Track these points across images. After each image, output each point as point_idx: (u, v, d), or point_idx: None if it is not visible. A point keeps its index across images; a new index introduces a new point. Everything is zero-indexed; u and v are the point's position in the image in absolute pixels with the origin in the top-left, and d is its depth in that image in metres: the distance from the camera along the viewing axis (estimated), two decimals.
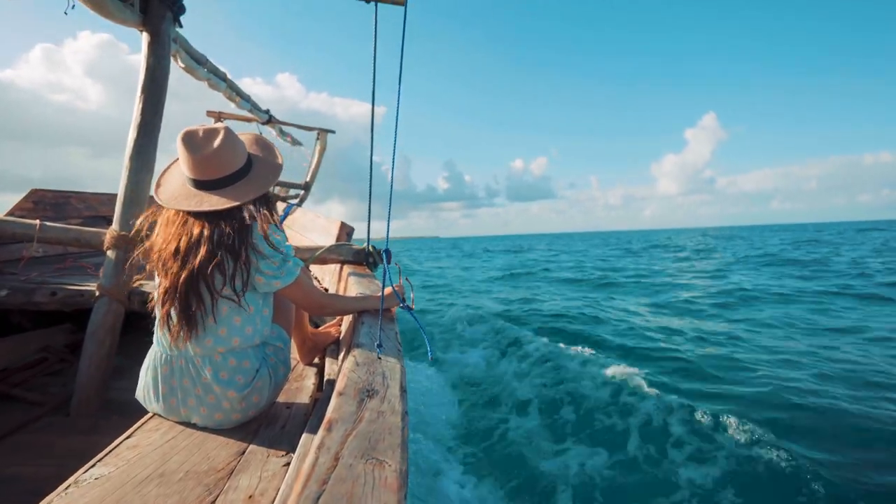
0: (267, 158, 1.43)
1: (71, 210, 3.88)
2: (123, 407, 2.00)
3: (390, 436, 0.74)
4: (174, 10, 2.41)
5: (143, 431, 1.28)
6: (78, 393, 2.08)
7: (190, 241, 1.21)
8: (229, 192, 1.28)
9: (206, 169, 1.27)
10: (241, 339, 1.27)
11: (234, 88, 3.84)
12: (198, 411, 1.27)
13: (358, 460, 0.65)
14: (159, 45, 2.34)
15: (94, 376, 2.11)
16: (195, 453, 1.18)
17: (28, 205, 3.53)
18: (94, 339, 2.14)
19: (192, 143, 1.26)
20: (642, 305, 10.85)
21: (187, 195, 1.28)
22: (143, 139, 2.28)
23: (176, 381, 1.26)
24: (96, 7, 2.01)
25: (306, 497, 0.56)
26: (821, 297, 10.83)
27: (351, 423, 0.76)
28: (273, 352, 1.40)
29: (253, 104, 4.50)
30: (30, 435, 1.90)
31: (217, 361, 1.25)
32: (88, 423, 1.98)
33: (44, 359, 2.55)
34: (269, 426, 1.35)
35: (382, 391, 0.92)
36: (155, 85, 2.33)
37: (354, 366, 1.05)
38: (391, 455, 0.68)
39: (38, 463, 1.66)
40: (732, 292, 11.80)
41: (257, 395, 1.31)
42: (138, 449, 1.17)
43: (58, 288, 2.33)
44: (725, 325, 8.46)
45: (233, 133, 1.34)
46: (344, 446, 0.68)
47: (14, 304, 2.29)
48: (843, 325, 8.06)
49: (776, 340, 7.19)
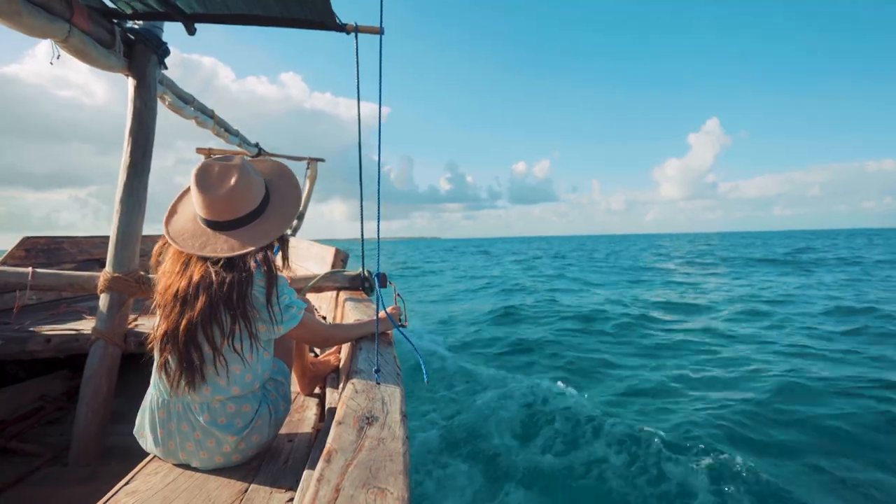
0: (285, 195, 1.36)
1: (64, 255, 3.87)
2: (124, 452, 1.96)
3: (391, 462, 0.72)
4: (159, 53, 2.45)
5: (142, 475, 1.25)
6: (76, 441, 2.04)
7: (189, 286, 1.17)
8: (239, 236, 1.23)
9: (217, 210, 1.22)
10: (240, 387, 1.24)
11: (222, 125, 3.89)
12: (197, 455, 1.24)
13: (359, 491, 0.64)
14: (145, 88, 2.37)
15: (92, 423, 2.07)
16: (196, 495, 1.16)
17: (20, 253, 3.52)
18: (90, 384, 2.11)
19: (205, 182, 1.21)
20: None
21: (194, 233, 1.24)
22: (134, 181, 2.29)
23: (174, 426, 1.23)
24: (81, 55, 2.04)
25: None
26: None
27: (351, 452, 0.75)
28: (273, 387, 1.37)
29: (242, 138, 4.54)
30: (28, 488, 1.85)
31: (215, 408, 1.22)
32: (87, 472, 1.93)
33: (41, 408, 2.51)
34: (271, 461, 1.33)
35: (382, 417, 0.91)
36: (143, 128, 2.36)
37: (353, 393, 1.04)
38: (393, 482, 0.67)
39: None
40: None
41: (257, 435, 1.28)
42: (137, 495, 1.15)
43: (52, 335, 2.31)
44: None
45: (249, 171, 1.27)
46: (344, 477, 0.67)
47: (8, 355, 2.27)
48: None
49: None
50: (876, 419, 4.39)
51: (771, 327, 8.65)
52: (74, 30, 1.88)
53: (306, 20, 2.10)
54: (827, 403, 4.81)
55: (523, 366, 6.63)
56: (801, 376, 5.58)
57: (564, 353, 7.15)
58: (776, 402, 4.86)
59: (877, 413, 4.49)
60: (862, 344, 7.13)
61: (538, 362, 6.77)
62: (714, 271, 21.02)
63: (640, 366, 6.54)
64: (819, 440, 4.13)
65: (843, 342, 7.30)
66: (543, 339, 8.02)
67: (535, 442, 4.25)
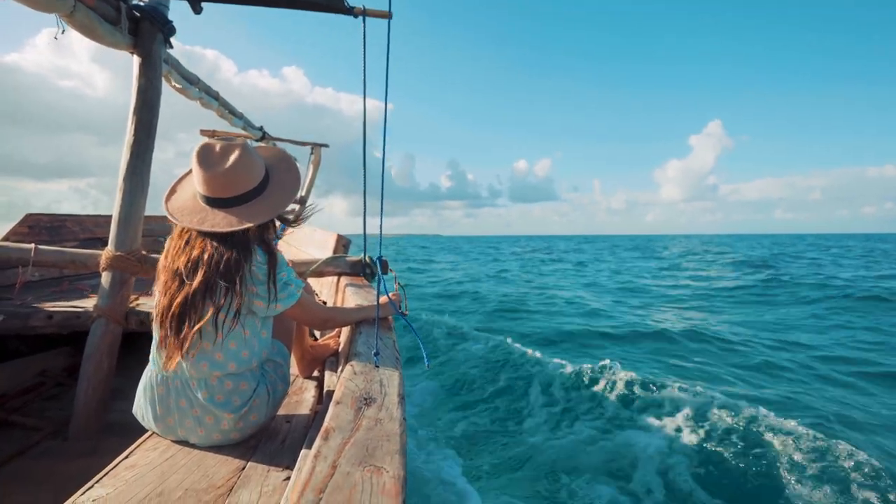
0: (284, 178, 1.38)
1: (66, 233, 3.87)
2: (123, 428, 1.98)
3: (388, 442, 0.73)
4: (164, 31, 2.43)
5: (141, 451, 1.26)
6: (76, 416, 2.06)
7: (189, 261, 1.19)
8: (237, 213, 1.24)
9: (217, 187, 1.24)
10: (237, 363, 1.25)
11: (226, 106, 3.87)
12: (195, 432, 1.26)
13: (355, 468, 0.65)
14: (150, 66, 2.36)
15: (93, 399, 2.09)
16: (194, 471, 1.17)
17: (23, 229, 3.53)
18: (91, 361, 2.12)
19: (206, 159, 1.23)
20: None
21: (193, 210, 1.25)
22: (137, 160, 2.29)
23: (172, 402, 1.24)
24: (86, 31, 2.02)
25: None
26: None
27: (348, 431, 0.76)
28: (272, 368, 1.38)
29: (246, 121, 4.52)
30: (28, 461, 1.87)
31: (213, 385, 1.23)
32: (87, 447, 1.95)
33: (42, 383, 2.53)
34: (269, 441, 1.34)
35: (380, 399, 0.91)
36: (147, 106, 2.35)
37: (352, 375, 1.04)
38: (389, 461, 0.67)
39: (36, 489, 1.64)
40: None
41: (255, 414, 1.29)
42: (136, 469, 1.16)
43: (54, 311, 2.32)
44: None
45: (250, 151, 1.29)
46: (341, 455, 0.68)
47: (11, 330, 2.28)
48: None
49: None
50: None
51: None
52: (80, 5, 1.86)
53: (313, 2, 2.08)
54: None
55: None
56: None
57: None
58: None
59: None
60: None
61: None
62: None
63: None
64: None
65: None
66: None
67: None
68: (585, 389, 5.65)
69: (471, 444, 4.47)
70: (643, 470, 3.88)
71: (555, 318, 10.73)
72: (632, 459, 4.06)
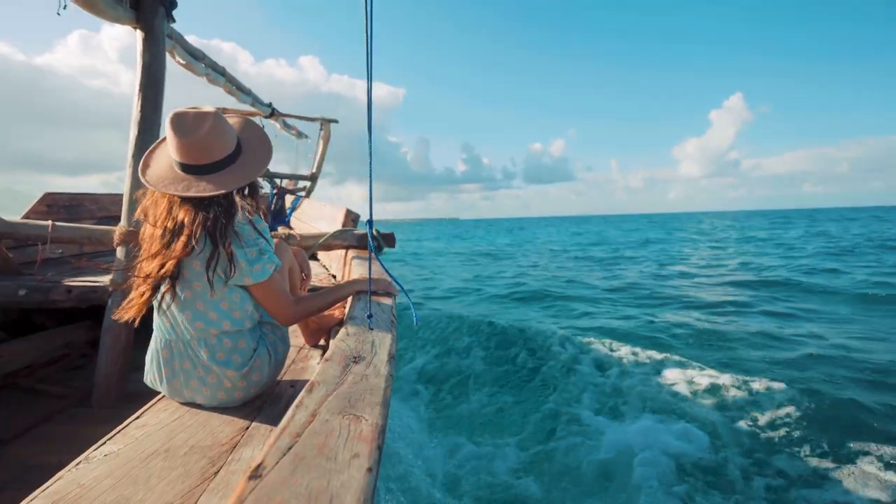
0: (257, 145, 1.41)
1: (84, 212, 3.97)
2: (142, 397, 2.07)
3: (371, 395, 0.75)
4: (166, 4, 2.43)
5: (152, 412, 1.32)
6: (98, 385, 2.16)
7: (175, 226, 1.22)
8: (216, 179, 1.27)
9: (194, 153, 1.26)
10: (230, 322, 1.29)
11: (233, 82, 3.87)
12: (201, 392, 1.31)
13: (335, 416, 0.67)
14: (153, 41, 2.37)
15: (113, 369, 2.18)
16: (200, 430, 1.22)
17: (42, 208, 3.63)
18: (110, 333, 2.21)
19: (181, 127, 1.25)
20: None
21: (174, 178, 1.28)
22: (145, 136, 2.32)
23: (177, 364, 1.30)
24: (88, 6, 2.04)
25: (277, 448, 0.57)
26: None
27: (333, 385, 0.78)
28: (271, 330, 1.42)
29: (254, 98, 4.53)
30: (54, 426, 1.98)
31: (212, 343, 1.28)
32: (109, 414, 2.05)
33: (66, 354, 2.64)
34: (273, 404, 1.39)
35: (369, 358, 0.93)
36: (152, 82, 2.37)
37: (345, 336, 1.06)
38: (369, 412, 0.69)
39: (61, 451, 1.74)
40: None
41: (257, 374, 1.34)
42: (146, 428, 1.22)
43: (73, 286, 2.41)
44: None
45: (222, 118, 1.33)
46: (322, 405, 0.70)
47: (33, 303, 2.38)
48: None
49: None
50: None
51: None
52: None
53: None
54: None
55: None
56: None
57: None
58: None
59: None
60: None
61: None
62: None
63: None
64: None
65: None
66: None
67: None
68: None
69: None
70: None
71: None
72: None
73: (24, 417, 1.99)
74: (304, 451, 0.57)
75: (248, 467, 1.03)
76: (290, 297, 1.40)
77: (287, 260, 1.59)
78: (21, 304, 2.37)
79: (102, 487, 0.95)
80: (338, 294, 1.52)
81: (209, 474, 1.02)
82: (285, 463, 0.55)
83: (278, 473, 0.53)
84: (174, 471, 1.02)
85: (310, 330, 1.86)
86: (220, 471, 1.04)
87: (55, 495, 0.92)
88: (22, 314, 2.75)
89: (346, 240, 2.71)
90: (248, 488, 0.50)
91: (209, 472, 1.03)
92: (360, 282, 1.54)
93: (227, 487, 0.98)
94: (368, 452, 0.58)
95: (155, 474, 1.01)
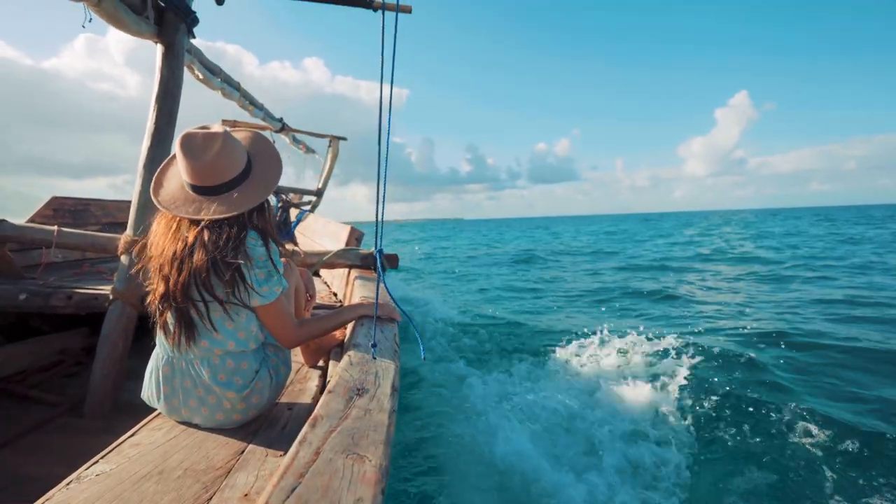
0: (266, 160, 1.41)
1: (90, 217, 3.99)
2: (136, 409, 2.04)
3: (374, 432, 0.74)
4: (188, 21, 2.49)
5: (146, 430, 1.30)
6: (91, 395, 2.13)
7: (185, 247, 1.23)
8: (227, 200, 1.28)
9: (204, 176, 1.27)
10: (235, 343, 1.29)
11: (247, 97, 3.93)
12: (199, 412, 1.29)
13: (338, 455, 0.66)
14: (173, 56, 2.41)
15: (107, 378, 2.16)
16: (195, 452, 1.20)
17: (48, 212, 3.65)
18: (107, 341, 2.20)
19: (190, 150, 1.26)
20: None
21: (185, 200, 1.29)
22: (157, 148, 2.35)
23: (177, 383, 1.28)
24: (113, 20, 2.08)
25: (281, 489, 0.56)
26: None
27: (336, 419, 0.77)
28: (274, 352, 1.41)
29: (266, 112, 4.59)
30: (45, 435, 1.95)
31: (215, 364, 1.27)
32: (101, 425, 2.02)
33: (61, 361, 2.62)
34: (269, 427, 1.37)
35: (373, 390, 0.92)
36: (168, 95, 2.41)
37: (348, 365, 1.06)
38: (373, 451, 0.68)
39: (51, 463, 1.71)
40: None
41: (257, 396, 1.32)
42: (140, 447, 1.20)
43: (74, 292, 2.40)
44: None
45: (231, 138, 1.34)
46: (326, 442, 0.69)
47: (32, 308, 2.37)
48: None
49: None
50: None
51: None
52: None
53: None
54: None
55: None
56: None
57: None
58: None
59: None
60: None
61: None
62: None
63: None
64: None
65: None
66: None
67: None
68: None
69: None
70: None
71: None
72: None
73: (14, 425, 1.96)
74: (308, 493, 0.56)
75: (241, 496, 1.02)
76: (293, 320, 1.39)
77: (293, 280, 1.59)
78: (20, 308, 2.37)
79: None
80: (341, 318, 1.51)
81: (202, 500, 1.00)
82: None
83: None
84: (167, 495, 1.00)
85: (309, 350, 1.84)
86: (213, 497, 1.02)
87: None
88: (19, 318, 2.74)
89: (349, 259, 2.72)
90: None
91: (202, 499, 1.01)
92: (365, 306, 1.53)
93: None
94: (371, 497, 0.57)
95: (147, 498, 0.99)
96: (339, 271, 3.12)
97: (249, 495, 1.02)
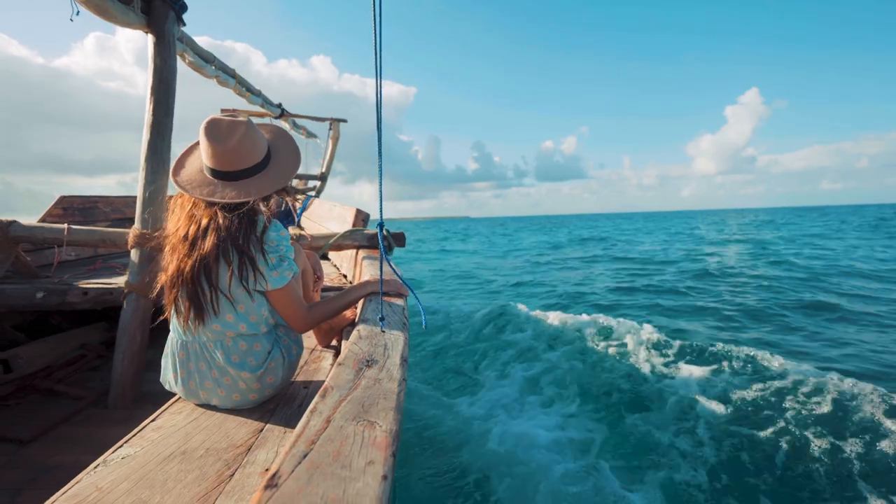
0: (285, 154, 1.43)
1: (98, 214, 4.04)
2: (158, 397, 2.10)
3: (384, 400, 0.74)
4: (176, 8, 2.45)
5: (168, 414, 1.33)
6: (114, 386, 2.19)
7: (199, 229, 1.25)
8: (244, 186, 1.30)
9: (225, 161, 1.29)
10: (247, 325, 1.31)
11: (244, 84, 3.89)
12: (216, 393, 1.32)
13: (349, 422, 0.67)
14: (164, 45, 2.38)
15: (128, 370, 2.21)
16: (216, 432, 1.23)
17: (57, 211, 3.70)
18: (125, 334, 2.24)
19: (214, 134, 1.27)
20: None
21: (202, 182, 1.31)
22: (157, 139, 2.34)
23: (193, 365, 1.31)
24: (99, 11, 2.05)
25: (293, 455, 0.57)
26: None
27: (346, 389, 0.78)
28: (285, 332, 1.43)
29: (264, 99, 4.55)
30: (72, 427, 2.01)
31: (228, 345, 1.29)
32: (125, 414, 2.08)
33: (83, 356, 2.69)
34: (286, 405, 1.40)
35: (382, 361, 0.93)
36: (163, 85, 2.38)
37: (357, 339, 1.06)
38: (383, 417, 0.69)
39: (78, 452, 1.76)
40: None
41: (271, 376, 1.35)
42: (162, 430, 1.23)
43: (89, 288, 2.44)
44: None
45: (255, 128, 1.35)
46: (336, 411, 0.70)
47: (50, 305, 2.41)
48: None
49: None
50: None
51: None
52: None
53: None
54: None
55: None
56: None
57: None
58: None
59: None
60: None
61: None
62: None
63: None
64: None
65: None
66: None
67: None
68: None
69: None
70: None
71: None
72: None
73: (42, 419, 2.03)
74: (320, 458, 0.57)
75: (263, 471, 1.04)
76: (304, 304, 1.40)
77: (301, 262, 1.60)
78: (38, 306, 2.41)
79: (120, 491, 0.96)
80: (350, 297, 1.52)
81: (225, 477, 1.03)
82: (301, 471, 0.55)
83: (294, 482, 0.53)
84: (190, 473, 1.03)
85: (322, 331, 1.87)
86: (235, 473, 1.04)
87: (74, 498, 0.93)
88: (39, 316, 2.80)
89: (356, 240, 2.72)
90: (265, 498, 0.50)
91: (225, 475, 1.03)
92: (372, 283, 1.54)
93: (243, 490, 0.98)
94: (383, 460, 0.58)
95: (171, 477, 1.02)
96: (348, 253, 3.13)
97: (270, 470, 1.05)
